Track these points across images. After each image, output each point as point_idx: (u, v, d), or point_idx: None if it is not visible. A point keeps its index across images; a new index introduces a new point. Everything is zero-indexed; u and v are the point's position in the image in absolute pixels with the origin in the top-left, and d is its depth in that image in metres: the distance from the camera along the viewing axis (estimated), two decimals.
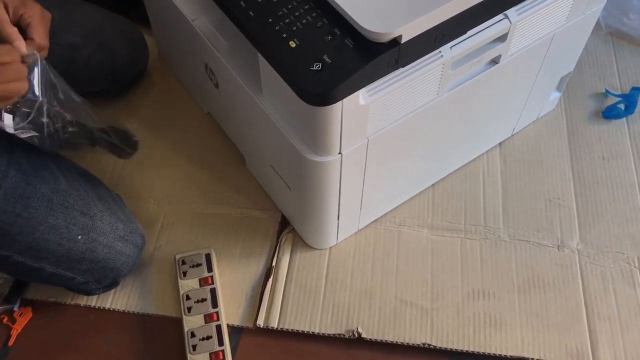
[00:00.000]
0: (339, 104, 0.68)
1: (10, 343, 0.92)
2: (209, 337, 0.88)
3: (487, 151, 1.08)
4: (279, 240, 1.00)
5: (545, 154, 1.08)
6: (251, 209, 1.03)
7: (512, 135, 1.10)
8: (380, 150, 0.82)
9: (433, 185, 1.04)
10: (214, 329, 0.89)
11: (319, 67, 0.66)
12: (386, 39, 0.65)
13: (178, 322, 0.91)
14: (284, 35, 0.68)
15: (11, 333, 0.93)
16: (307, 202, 0.89)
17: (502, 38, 0.81)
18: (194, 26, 0.89)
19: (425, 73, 0.75)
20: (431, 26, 0.67)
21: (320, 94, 0.66)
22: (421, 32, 0.67)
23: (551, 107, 1.13)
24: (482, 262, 0.97)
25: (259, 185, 1.06)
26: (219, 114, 1.09)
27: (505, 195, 1.03)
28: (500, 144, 1.09)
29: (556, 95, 1.10)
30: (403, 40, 0.66)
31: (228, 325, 0.91)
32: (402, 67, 0.70)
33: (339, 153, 0.77)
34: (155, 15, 1.11)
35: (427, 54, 0.72)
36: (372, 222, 1.00)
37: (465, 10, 0.69)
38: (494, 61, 0.85)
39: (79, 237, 0.84)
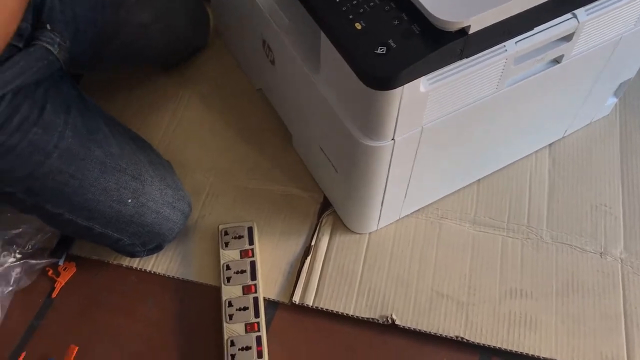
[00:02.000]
0: (399, 89, 0.68)
1: (54, 295, 0.95)
2: (245, 308, 0.89)
3: (536, 151, 1.07)
4: (320, 221, 1.00)
5: (596, 159, 1.06)
6: (294, 188, 1.04)
7: (563, 137, 1.08)
8: (433, 140, 0.82)
9: (479, 180, 1.03)
10: (251, 300, 0.90)
11: (383, 51, 0.66)
12: (454, 28, 0.65)
13: (216, 290, 0.93)
14: (350, 17, 0.68)
15: (55, 286, 0.96)
16: (352, 185, 0.89)
17: (568, 37, 0.79)
18: (256, 1, 0.89)
19: (487, 66, 0.74)
20: (500, 19, 0.66)
21: (383, 78, 0.66)
22: (490, 24, 0.66)
23: (606, 112, 1.11)
24: (522, 261, 0.96)
25: (304, 165, 1.06)
26: (271, 91, 1.09)
27: (551, 197, 1.02)
28: (550, 145, 1.08)
29: (613, 100, 1.08)
30: (471, 31, 0.65)
31: (264, 299, 0.93)
32: (466, 57, 0.70)
33: (392, 139, 0.77)
34: None
35: (492, 46, 0.71)
36: (415, 211, 1.00)
37: (535, 6, 0.68)
38: (556, 60, 0.83)
39: (129, 200, 0.86)
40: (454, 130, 0.83)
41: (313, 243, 0.98)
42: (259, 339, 0.87)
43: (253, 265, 0.94)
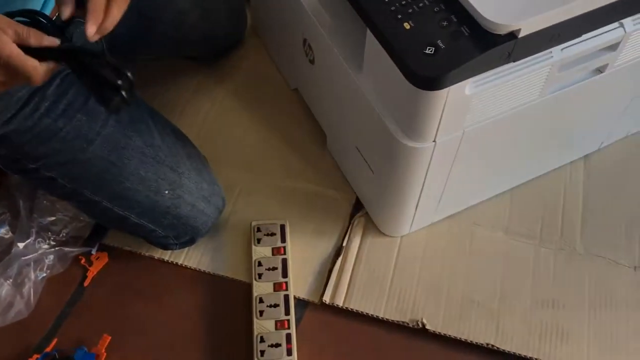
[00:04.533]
0: (444, 90, 0.68)
1: (86, 284, 0.96)
2: (276, 305, 0.90)
3: (571, 162, 1.06)
4: (352, 222, 1.00)
5: (632, 173, 1.05)
6: (327, 189, 1.04)
7: (598, 149, 1.07)
8: (473, 145, 0.81)
9: (513, 188, 1.03)
10: (282, 298, 0.90)
11: (431, 51, 0.66)
12: (504, 31, 0.65)
13: (246, 286, 0.94)
14: (399, 17, 0.69)
15: (87, 274, 0.97)
16: (388, 187, 0.89)
17: (613, 47, 0.79)
18: (300, 0, 0.90)
19: (533, 72, 0.74)
20: (550, 24, 0.66)
21: (431, 78, 0.66)
22: (539, 29, 0.66)
23: None
24: (555, 272, 0.95)
25: (337, 166, 1.06)
26: (308, 91, 1.10)
27: (585, 208, 1.01)
28: (585, 156, 1.07)
29: None
30: (520, 35, 0.65)
31: (295, 297, 0.93)
32: (514, 61, 0.69)
33: (433, 141, 0.77)
34: None
35: (539, 51, 0.71)
36: (447, 217, 1.00)
37: (585, 13, 0.68)
38: (599, 70, 0.83)
39: (166, 191, 0.87)
40: (494, 136, 0.83)
41: (344, 244, 0.98)
42: (288, 336, 0.87)
43: (284, 262, 0.94)
